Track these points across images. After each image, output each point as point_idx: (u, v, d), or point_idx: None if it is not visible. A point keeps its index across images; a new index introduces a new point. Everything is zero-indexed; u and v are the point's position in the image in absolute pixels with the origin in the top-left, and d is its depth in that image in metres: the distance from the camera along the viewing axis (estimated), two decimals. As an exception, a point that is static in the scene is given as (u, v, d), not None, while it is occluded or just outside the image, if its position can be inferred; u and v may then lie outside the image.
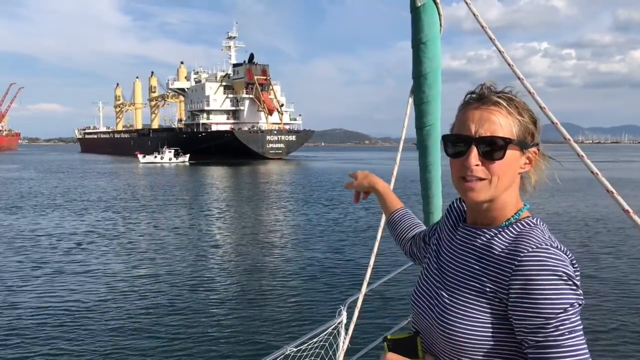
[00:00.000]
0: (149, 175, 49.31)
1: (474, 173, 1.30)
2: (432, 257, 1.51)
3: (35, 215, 22.43)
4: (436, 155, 2.78)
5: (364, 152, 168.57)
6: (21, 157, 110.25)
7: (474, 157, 1.30)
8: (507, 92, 1.35)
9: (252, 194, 32.78)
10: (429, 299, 1.40)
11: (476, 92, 1.36)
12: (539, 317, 1.16)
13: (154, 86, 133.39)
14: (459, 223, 1.47)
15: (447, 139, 1.38)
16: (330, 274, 12.33)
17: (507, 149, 1.29)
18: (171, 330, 8.81)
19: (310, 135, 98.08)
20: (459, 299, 1.31)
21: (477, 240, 1.34)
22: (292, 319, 9.32)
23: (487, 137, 1.29)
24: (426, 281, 1.46)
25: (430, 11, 2.59)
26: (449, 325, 1.29)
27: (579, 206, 23.54)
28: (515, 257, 1.22)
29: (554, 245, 1.22)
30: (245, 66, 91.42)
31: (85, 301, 10.30)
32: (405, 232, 1.89)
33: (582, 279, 1.25)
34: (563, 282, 1.16)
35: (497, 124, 1.29)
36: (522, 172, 1.36)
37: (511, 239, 1.27)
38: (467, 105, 1.36)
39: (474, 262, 1.32)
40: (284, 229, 19.23)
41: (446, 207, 1.59)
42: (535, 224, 1.31)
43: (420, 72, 2.66)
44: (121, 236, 17.45)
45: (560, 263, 1.18)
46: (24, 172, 53.96)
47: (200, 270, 12.89)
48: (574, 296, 1.16)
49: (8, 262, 13.52)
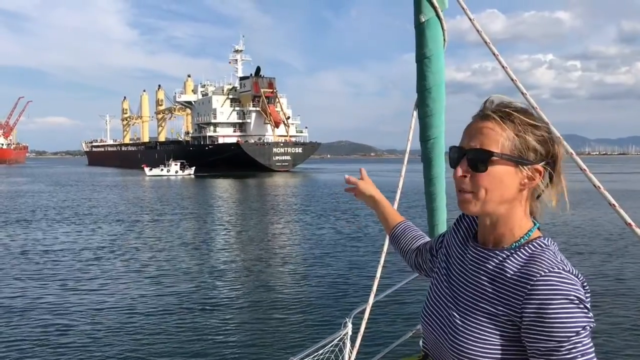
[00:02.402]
0: (155, 188, 49.45)
1: (462, 185, 1.32)
2: (441, 273, 1.51)
3: (47, 228, 22.52)
4: (440, 167, 2.80)
5: (370, 164, 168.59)
6: (29, 170, 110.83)
7: (461, 168, 1.32)
8: (511, 106, 1.33)
9: (258, 206, 32.79)
10: (441, 318, 1.41)
11: (480, 108, 1.37)
12: (552, 341, 1.17)
13: (161, 99, 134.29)
14: (468, 239, 1.47)
15: (449, 151, 1.41)
16: (336, 285, 12.30)
17: (494, 163, 1.28)
18: (175, 340, 8.80)
19: (316, 147, 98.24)
20: (471, 321, 1.31)
21: (489, 262, 1.34)
22: (298, 331, 9.29)
23: (472, 149, 1.30)
24: (437, 299, 1.46)
25: (434, 26, 2.63)
26: (461, 347, 1.30)
27: (581, 219, 23.40)
28: (528, 281, 1.22)
29: (566, 269, 1.22)
30: (252, 79, 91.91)
31: (94, 313, 10.31)
32: (409, 244, 1.87)
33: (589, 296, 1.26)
34: (575, 305, 1.17)
35: (486, 136, 1.30)
36: (524, 189, 1.33)
37: (523, 261, 1.27)
38: (472, 119, 1.38)
39: (486, 284, 1.32)
40: (289, 241, 19.21)
41: (450, 219, 1.60)
42: (546, 245, 1.30)
43: (424, 86, 2.69)
44: (131, 249, 17.48)
45: (572, 287, 1.19)
46: (34, 185, 54.18)
47: (205, 280, 12.89)
48: (585, 319, 1.18)
49: (20, 274, 13.57)
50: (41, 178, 71.52)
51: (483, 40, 2.57)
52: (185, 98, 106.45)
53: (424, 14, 2.59)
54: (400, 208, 2.40)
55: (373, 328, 8.35)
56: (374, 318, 8.42)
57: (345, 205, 30.74)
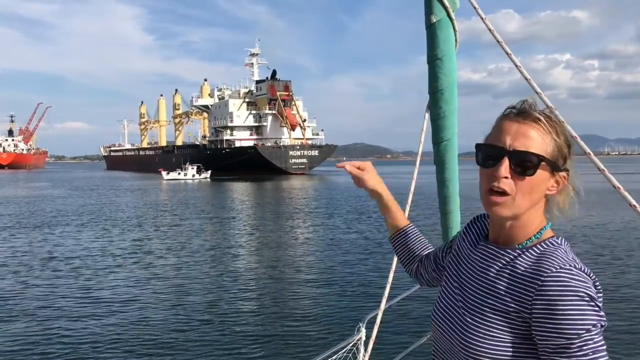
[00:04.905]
0: (173, 192, 49.83)
1: (501, 185, 1.28)
2: (451, 275, 1.49)
3: (69, 232, 22.82)
4: (454, 170, 2.75)
5: (385, 166, 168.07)
6: (49, 174, 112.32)
7: (504, 168, 1.28)
8: (546, 112, 1.33)
9: (275, 209, 32.87)
10: (451, 318, 1.39)
11: (517, 107, 1.34)
12: (562, 338, 1.15)
13: (177, 103, 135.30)
14: (479, 240, 1.46)
15: (480, 147, 1.36)
16: (349, 290, 12.26)
17: (540, 168, 1.27)
18: (187, 343, 8.83)
19: (332, 149, 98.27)
20: (482, 318, 1.30)
21: (501, 260, 1.33)
22: (311, 335, 9.27)
23: (521, 152, 1.27)
24: (447, 300, 1.45)
25: (446, 27, 2.59)
26: (472, 345, 1.28)
27: (600, 220, 23.08)
28: (539, 277, 1.22)
29: (577, 267, 1.21)
30: (268, 82, 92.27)
31: (110, 316, 10.40)
32: (417, 251, 1.83)
33: (604, 297, 1.23)
34: (586, 302, 1.16)
35: (533, 140, 1.28)
36: (549, 194, 1.34)
37: (534, 258, 1.26)
38: (506, 117, 1.34)
39: (497, 282, 1.31)
40: (305, 244, 19.21)
41: (464, 222, 1.57)
42: (559, 243, 1.30)
43: (436, 87, 2.65)
44: (150, 252, 17.67)
45: (583, 284, 1.18)
46: (54, 190, 54.87)
47: (220, 285, 12.95)
48: (596, 317, 1.16)
49: (43, 278, 13.74)
50: (61, 183, 72.44)
51: (495, 39, 2.53)
52: (202, 102, 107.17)
53: (435, 14, 2.56)
54: (413, 211, 2.36)
55: (387, 333, 8.30)
56: (387, 323, 8.38)
57: (361, 208, 30.66)
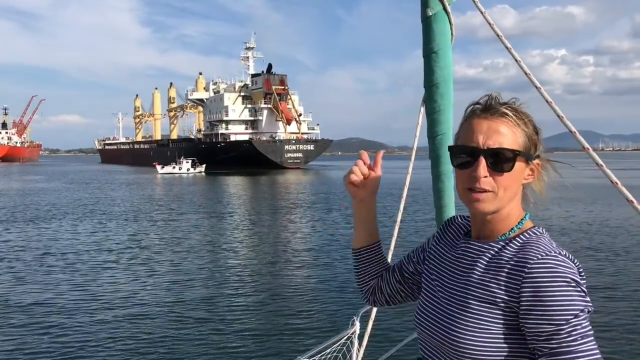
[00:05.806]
0: (167, 186, 49.70)
1: (482, 185, 1.29)
2: (431, 279, 1.46)
3: (63, 226, 22.77)
4: (448, 164, 2.75)
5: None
6: (43, 168, 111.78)
7: (482, 168, 1.29)
8: (511, 103, 1.34)
9: (269, 203, 32.86)
10: (437, 317, 1.37)
11: (481, 103, 1.35)
12: (551, 324, 1.16)
13: (172, 97, 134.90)
14: (459, 238, 1.46)
15: (453, 149, 1.37)
16: (343, 284, 12.27)
17: (516, 161, 1.29)
18: (183, 337, 8.83)
19: (328, 144, 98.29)
20: (468, 310, 1.29)
21: (485, 254, 1.33)
22: (305, 329, 9.29)
23: (495, 149, 1.29)
24: (431, 302, 1.42)
25: (442, 20, 2.59)
26: (460, 338, 1.27)
27: (597, 215, 23.17)
28: (525, 265, 1.22)
29: (562, 254, 1.23)
30: (264, 76, 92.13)
31: (104, 311, 10.38)
32: (382, 267, 1.73)
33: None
34: (572, 288, 1.17)
35: (505, 135, 1.29)
36: (525, 183, 1.36)
37: (518, 248, 1.27)
38: (473, 115, 1.34)
39: (483, 275, 1.30)
40: (299, 239, 19.23)
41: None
42: (541, 232, 1.31)
43: (431, 81, 2.65)
44: (145, 246, 17.66)
45: (568, 270, 1.19)
46: (50, 184, 54.61)
47: (215, 279, 12.94)
48: (583, 302, 1.17)
49: (37, 272, 13.70)
50: (55, 176, 72.14)
51: (495, 34, 2.53)
52: (197, 96, 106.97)
53: (430, 7, 2.55)
54: (410, 206, 2.37)
55: (380, 326, 8.32)
56: (381, 317, 8.40)
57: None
